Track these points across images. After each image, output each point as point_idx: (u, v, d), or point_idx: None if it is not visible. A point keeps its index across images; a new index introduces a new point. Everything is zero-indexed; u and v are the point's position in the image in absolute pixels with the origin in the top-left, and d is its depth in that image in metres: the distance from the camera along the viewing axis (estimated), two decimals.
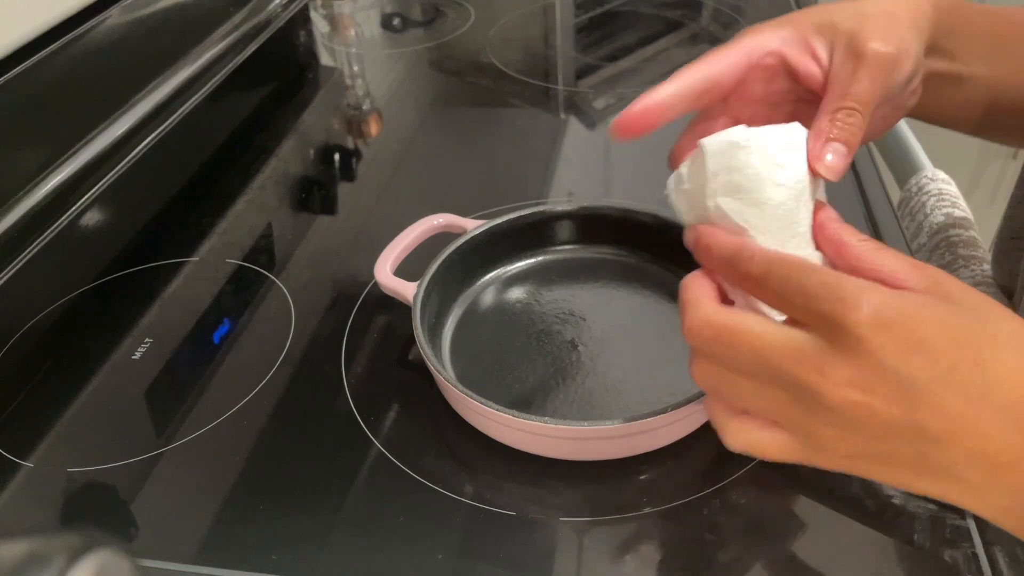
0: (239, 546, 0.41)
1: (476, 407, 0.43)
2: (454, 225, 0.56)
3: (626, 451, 0.44)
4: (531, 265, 0.57)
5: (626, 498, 0.42)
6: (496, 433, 0.45)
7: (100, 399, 0.51)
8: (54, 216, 0.61)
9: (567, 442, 0.43)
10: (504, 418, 0.42)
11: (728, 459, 0.44)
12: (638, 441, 0.44)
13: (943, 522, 0.40)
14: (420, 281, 0.50)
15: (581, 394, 0.47)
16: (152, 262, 0.62)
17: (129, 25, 0.72)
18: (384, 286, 0.52)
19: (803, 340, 0.30)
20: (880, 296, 0.29)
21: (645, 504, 0.42)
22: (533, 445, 0.44)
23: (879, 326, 0.29)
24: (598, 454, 0.44)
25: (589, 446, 0.44)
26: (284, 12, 0.96)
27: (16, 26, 0.60)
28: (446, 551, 0.40)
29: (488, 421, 0.45)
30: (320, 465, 0.45)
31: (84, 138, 0.66)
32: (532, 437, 0.44)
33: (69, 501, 0.45)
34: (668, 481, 0.43)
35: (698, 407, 0.42)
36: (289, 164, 0.74)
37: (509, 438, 0.45)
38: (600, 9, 1.02)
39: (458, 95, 0.87)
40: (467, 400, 0.44)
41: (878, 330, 0.29)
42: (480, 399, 0.43)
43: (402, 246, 0.54)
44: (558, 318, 0.53)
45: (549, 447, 0.44)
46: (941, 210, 0.71)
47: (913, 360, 0.29)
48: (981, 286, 0.65)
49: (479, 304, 0.54)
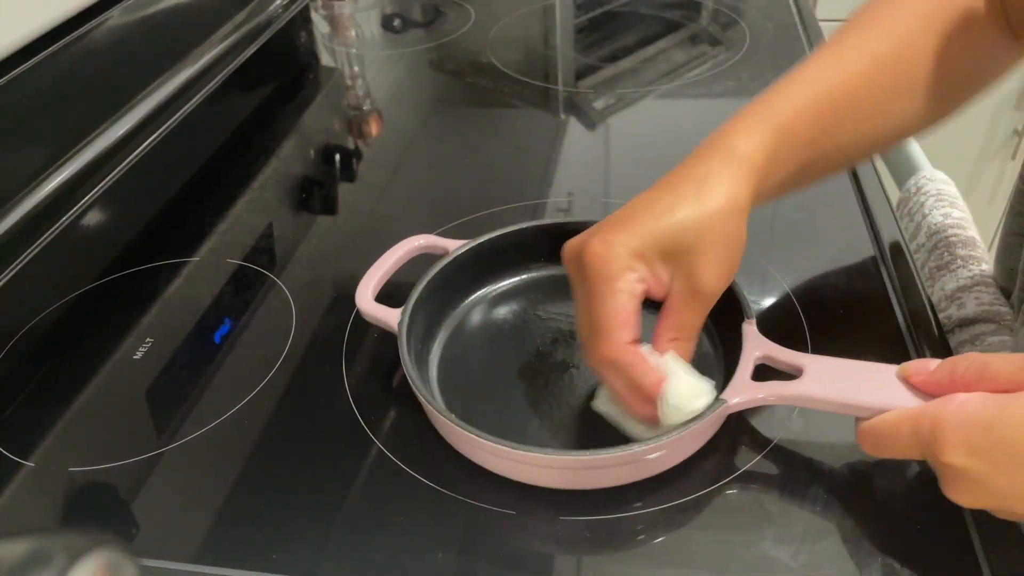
0: (239, 546, 0.41)
1: (468, 438, 0.42)
2: (435, 246, 0.54)
3: (622, 479, 0.43)
4: (518, 283, 0.55)
5: (626, 497, 0.43)
6: (491, 464, 0.44)
7: (101, 399, 0.51)
8: (55, 216, 0.62)
9: (562, 472, 0.42)
10: (498, 449, 0.41)
11: (728, 460, 0.44)
12: (637, 469, 0.43)
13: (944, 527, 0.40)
14: (404, 307, 0.48)
15: (576, 418, 0.46)
16: (153, 262, 0.62)
17: (130, 26, 0.72)
18: (367, 314, 0.50)
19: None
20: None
21: (645, 504, 0.42)
22: (526, 475, 0.43)
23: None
24: (593, 483, 0.43)
25: (586, 475, 0.42)
26: (285, 13, 0.96)
27: (17, 26, 0.61)
28: (446, 551, 0.40)
29: (483, 453, 0.43)
30: (320, 465, 0.45)
31: (85, 138, 0.67)
32: (526, 467, 0.42)
33: (70, 501, 0.45)
34: (668, 481, 0.43)
35: (700, 431, 0.42)
36: (290, 164, 0.74)
37: (500, 468, 0.43)
38: (600, 10, 1.02)
39: (458, 95, 0.87)
40: (458, 431, 0.42)
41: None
42: (471, 428, 0.41)
43: (382, 271, 0.52)
44: (548, 338, 0.52)
45: (543, 477, 0.43)
46: (940, 210, 0.71)
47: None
48: (979, 286, 0.65)
49: (466, 325, 0.53)
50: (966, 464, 0.35)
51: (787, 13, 0.97)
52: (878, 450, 0.40)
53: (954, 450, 0.35)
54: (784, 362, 0.44)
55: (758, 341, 0.45)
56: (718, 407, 0.41)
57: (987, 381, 0.36)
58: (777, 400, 0.42)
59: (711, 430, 0.44)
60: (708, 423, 0.42)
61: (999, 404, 0.35)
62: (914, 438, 0.37)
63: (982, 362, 0.37)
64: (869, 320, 0.53)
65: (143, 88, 0.74)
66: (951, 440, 0.35)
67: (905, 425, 0.37)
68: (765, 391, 0.42)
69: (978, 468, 0.35)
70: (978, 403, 0.35)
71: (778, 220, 0.62)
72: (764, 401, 0.43)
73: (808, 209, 0.63)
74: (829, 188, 0.65)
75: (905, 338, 0.51)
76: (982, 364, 0.37)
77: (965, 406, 0.35)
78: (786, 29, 0.93)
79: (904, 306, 0.53)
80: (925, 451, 0.37)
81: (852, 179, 0.66)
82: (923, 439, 0.36)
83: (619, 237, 0.41)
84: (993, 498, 0.36)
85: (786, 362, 0.44)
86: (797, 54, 0.87)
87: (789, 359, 0.44)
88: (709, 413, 0.41)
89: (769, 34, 0.92)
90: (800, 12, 0.97)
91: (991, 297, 0.64)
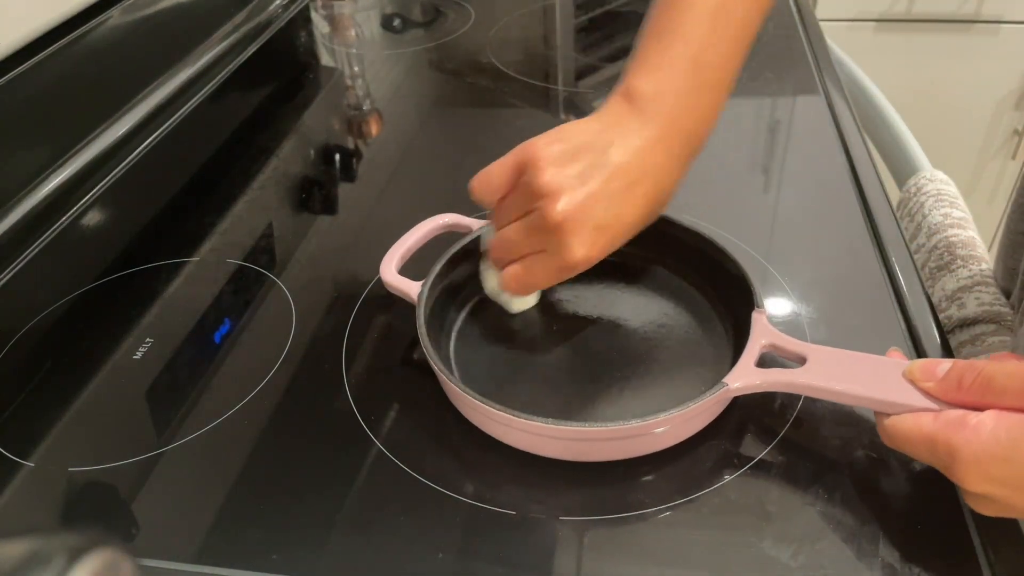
0: (239, 546, 0.41)
1: (479, 407, 0.44)
2: (459, 225, 0.56)
3: (629, 452, 0.44)
4: None
5: (626, 497, 0.43)
6: (499, 433, 0.45)
7: (101, 399, 0.51)
8: (55, 216, 0.62)
9: (569, 443, 0.43)
10: (507, 419, 0.43)
11: (728, 459, 0.44)
12: (641, 443, 0.44)
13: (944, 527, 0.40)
14: (425, 280, 0.50)
15: (584, 396, 0.48)
16: (153, 262, 0.62)
17: (130, 26, 0.72)
18: (389, 285, 0.52)
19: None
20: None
21: (645, 503, 0.42)
22: (535, 446, 0.44)
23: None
24: (600, 455, 0.44)
25: (592, 447, 0.44)
26: (285, 13, 0.96)
27: (17, 26, 0.61)
28: (446, 551, 0.40)
29: (491, 422, 0.45)
30: (320, 465, 0.45)
31: (85, 138, 0.67)
32: (534, 438, 0.44)
33: (70, 501, 0.45)
34: (668, 480, 0.43)
35: (701, 409, 0.42)
36: (289, 164, 0.74)
37: (512, 439, 0.45)
38: (600, 10, 1.02)
39: (458, 95, 0.87)
40: (470, 400, 0.44)
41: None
42: (483, 399, 0.43)
43: (407, 245, 0.54)
44: (562, 320, 0.53)
45: (551, 448, 0.44)
46: (940, 210, 0.71)
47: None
48: (980, 286, 0.65)
49: (484, 305, 0.54)
50: (988, 491, 0.36)
51: (787, 13, 0.97)
52: (898, 448, 0.41)
53: (975, 481, 0.36)
54: (789, 351, 0.45)
55: (765, 330, 0.46)
56: (719, 390, 0.42)
57: (993, 396, 0.37)
58: (779, 387, 0.43)
59: (714, 411, 0.45)
60: (709, 403, 0.43)
61: (1013, 437, 0.35)
62: (931, 458, 0.38)
63: (987, 376, 0.37)
64: (869, 320, 0.53)
65: (143, 88, 0.74)
66: (970, 472, 0.36)
67: (921, 444, 0.38)
68: (767, 377, 0.43)
69: (1000, 492, 0.36)
70: (991, 433, 0.36)
71: (778, 220, 0.62)
72: (765, 387, 0.43)
73: (808, 209, 0.63)
74: (829, 188, 0.65)
75: (905, 338, 0.51)
76: (986, 379, 0.37)
77: (979, 435, 0.36)
78: (786, 29, 0.93)
79: (904, 306, 0.53)
80: (943, 471, 0.38)
81: (852, 179, 0.66)
82: (940, 462, 0.37)
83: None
84: (1016, 512, 0.37)
85: (791, 351, 0.45)
86: (797, 54, 0.88)
87: (793, 348, 0.45)
88: (709, 395, 0.42)
89: (769, 34, 0.92)
90: (800, 12, 0.97)
91: (991, 297, 0.64)
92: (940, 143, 0.78)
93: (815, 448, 0.44)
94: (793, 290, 0.55)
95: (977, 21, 1.46)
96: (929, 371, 0.39)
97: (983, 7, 1.44)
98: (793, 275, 0.56)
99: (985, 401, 0.37)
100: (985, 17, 1.45)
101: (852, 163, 0.68)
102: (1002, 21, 1.45)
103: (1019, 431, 0.35)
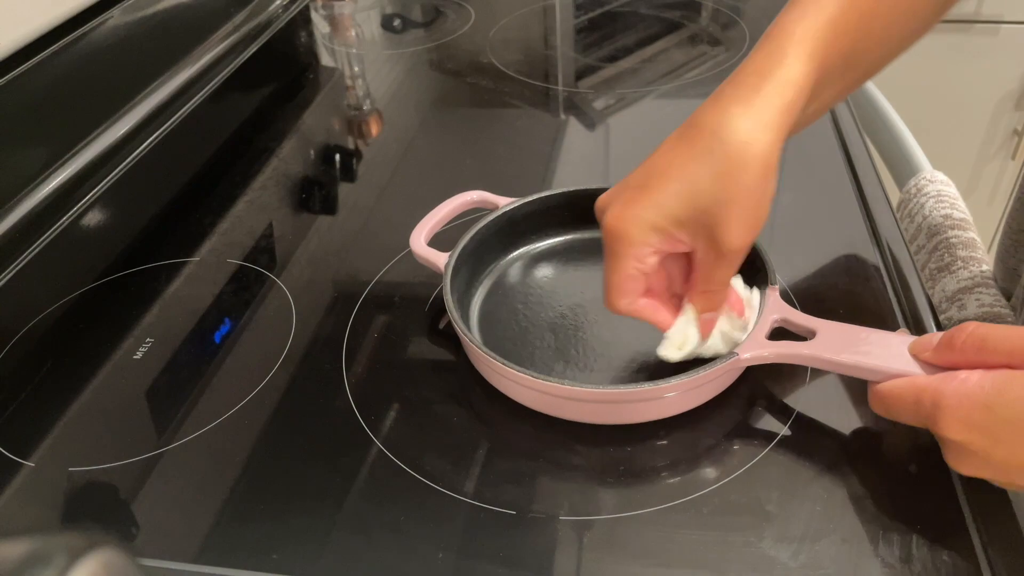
0: (239, 546, 0.41)
1: (501, 369, 0.45)
2: (487, 201, 0.58)
3: (649, 415, 0.46)
4: (560, 243, 0.59)
5: (627, 497, 0.43)
6: (518, 395, 0.47)
7: (101, 399, 0.51)
8: (55, 216, 0.62)
9: (583, 404, 0.45)
10: (529, 380, 0.45)
11: (728, 457, 0.44)
12: (656, 406, 0.46)
13: (944, 529, 0.40)
14: (452, 251, 0.53)
15: (599, 368, 0.50)
16: (153, 262, 0.62)
17: (130, 26, 0.72)
18: (418, 255, 0.54)
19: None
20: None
21: (645, 503, 0.42)
22: (551, 407, 0.46)
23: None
24: (617, 418, 0.46)
25: (608, 409, 0.46)
26: (285, 13, 0.96)
27: (17, 26, 0.61)
28: (446, 550, 0.40)
29: (512, 384, 0.47)
30: (320, 465, 0.46)
31: (85, 138, 0.67)
32: (551, 399, 0.46)
33: (70, 500, 0.45)
34: (668, 480, 0.43)
35: (713, 376, 0.44)
36: (290, 164, 0.74)
37: (530, 400, 0.47)
38: (600, 10, 1.02)
39: (458, 95, 0.87)
40: (493, 363, 0.46)
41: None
42: (506, 362, 0.45)
43: (437, 218, 0.56)
44: (583, 296, 0.55)
45: (567, 410, 0.46)
46: (940, 211, 0.71)
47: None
48: (980, 287, 0.65)
49: (507, 278, 0.57)
50: (966, 438, 0.37)
51: None
52: (886, 413, 0.41)
53: (954, 426, 0.37)
54: (799, 325, 0.47)
55: (777, 304, 0.48)
56: (729, 359, 0.45)
57: (986, 354, 0.37)
58: (787, 358, 0.45)
59: (725, 380, 0.47)
60: (718, 372, 0.45)
61: (997, 386, 0.36)
62: (916, 411, 0.39)
63: (980, 335, 0.38)
64: (869, 321, 0.53)
65: (143, 88, 0.74)
66: (951, 417, 0.37)
67: (909, 395, 0.39)
68: (776, 349, 0.45)
69: (978, 442, 0.37)
70: (977, 382, 0.37)
71: (778, 220, 0.62)
72: (774, 358, 0.45)
73: (808, 209, 0.63)
74: (829, 188, 0.65)
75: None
76: (980, 338, 0.38)
77: (966, 384, 0.37)
78: None
79: (904, 307, 0.53)
80: (926, 423, 0.39)
81: (852, 179, 0.66)
82: (924, 411, 0.38)
83: (632, 211, 0.42)
84: (992, 469, 0.38)
85: (801, 325, 0.47)
86: None
87: (803, 322, 0.46)
88: (720, 364, 0.45)
89: None
90: None
91: (992, 299, 0.64)
92: (940, 143, 0.78)
93: (815, 448, 0.44)
94: (793, 290, 0.55)
95: (977, 21, 1.46)
96: (927, 342, 0.40)
97: (983, 7, 1.44)
98: (793, 275, 0.56)
99: (979, 359, 0.38)
100: (985, 17, 1.45)
101: (852, 163, 0.68)
102: (1002, 21, 1.45)
103: (1004, 381, 0.36)
